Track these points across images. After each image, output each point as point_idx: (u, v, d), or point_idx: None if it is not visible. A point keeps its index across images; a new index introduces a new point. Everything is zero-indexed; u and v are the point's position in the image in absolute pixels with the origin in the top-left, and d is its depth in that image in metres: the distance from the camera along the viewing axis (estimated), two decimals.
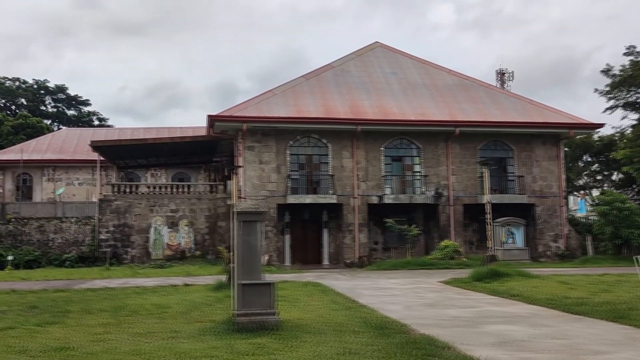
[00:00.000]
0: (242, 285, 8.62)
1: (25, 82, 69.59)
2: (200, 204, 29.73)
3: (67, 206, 35.49)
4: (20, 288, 16.06)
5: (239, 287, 8.61)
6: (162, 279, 19.32)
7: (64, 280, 19.03)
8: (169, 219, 29.19)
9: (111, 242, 28.36)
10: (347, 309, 10.94)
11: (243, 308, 8.60)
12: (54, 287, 16.23)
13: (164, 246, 28.89)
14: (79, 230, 28.71)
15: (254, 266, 8.77)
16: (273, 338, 7.97)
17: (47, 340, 8.37)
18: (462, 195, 30.11)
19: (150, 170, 44.17)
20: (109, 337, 8.60)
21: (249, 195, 28.47)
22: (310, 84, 31.06)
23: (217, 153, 37.52)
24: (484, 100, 31.72)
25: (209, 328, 9.07)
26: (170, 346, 7.74)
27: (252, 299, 8.64)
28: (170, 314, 10.97)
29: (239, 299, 8.61)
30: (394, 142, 30.01)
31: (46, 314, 11.15)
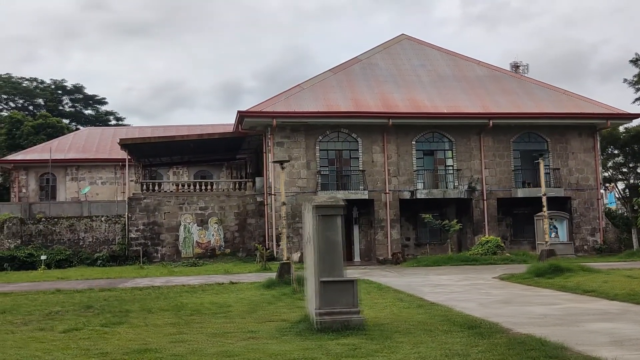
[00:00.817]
0: (322, 283, 8.16)
1: (42, 82, 69.77)
2: (229, 202, 29.37)
3: (93, 205, 35.30)
4: (64, 288, 15.76)
5: (320, 285, 8.15)
6: (203, 277, 18.94)
7: (103, 280, 18.73)
8: (198, 216, 28.87)
9: (141, 240, 28.10)
10: (418, 307, 10.45)
11: (325, 307, 8.14)
12: (98, 287, 15.92)
13: (194, 244, 28.59)
14: (109, 229, 28.45)
15: (334, 262, 8.30)
16: (363, 338, 7.51)
17: (123, 342, 7.99)
18: (495, 189, 29.49)
19: (172, 169, 43.95)
20: (186, 337, 8.20)
21: (278, 192, 28.01)
22: (338, 78, 30.53)
23: (241, 150, 37.21)
24: (516, 91, 31.02)
25: (286, 328, 8.64)
26: (258, 347, 7.31)
27: (334, 297, 8.18)
28: (234, 313, 10.56)
29: (320, 297, 8.15)
30: (425, 136, 29.43)
31: (107, 314, 10.78)
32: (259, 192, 29.53)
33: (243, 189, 29.98)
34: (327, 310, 8.12)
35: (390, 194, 28.48)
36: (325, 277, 8.18)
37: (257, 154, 35.59)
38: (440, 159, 29.63)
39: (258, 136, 30.09)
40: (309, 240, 8.84)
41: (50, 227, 28.02)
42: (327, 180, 28.68)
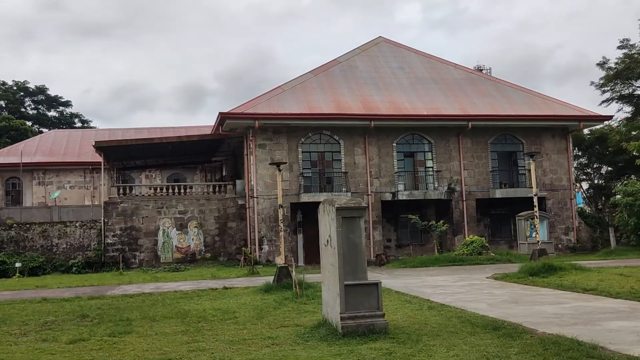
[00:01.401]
0: (346, 286, 8.03)
1: (4, 84, 67.21)
2: (208, 205, 28.83)
3: (63, 210, 34.16)
4: (49, 296, 15.10)
5: (344, 289, 8.01)
6: (192, 282, 18.49)
7: (86, 287, 18.05)
8: (177, 220, 28.24)
9: (118, 246, 27.30)
10: (429, 308, 10.42)
11: (348, 311, 8.01)
12: (85, 294, 15.33)
13: (173, 249, 27.94)
14: (84, 235, 27.52)
15: (358, 265, 8.19)
16: (392, 343, 7.42)
17: (139, 352, 7.67)
18: (474, 190, 29.91)
19: (144, 172, 43.00)
20: (204, 345, 7.94)
21: (260, 195, 27.78)
22: (319, 79, 30.44)
23: (218, 153, 36.68)
24: (492, 93, 31.58)
25: (305, 333, 8.47)
26: (286, 354, 7.14)
27: (358, 301, 8.07)
28: (242, 319, 10.30)
29: (343, 301, 8.02)
30: (405, 138, 29.62)
31: (108, 323, 10.35)
32: (239, 195, 29.11)
33: (223, 192, 29.49)
34: (352, 314, 8.00)
35: (372, 195, 28.52)
36: (350, 281, 8.05)
37: (235, 157, 35.14)
38: (420, 160, 29.86)
39: (236, 138, 29.69)
40: (328, 243, 8.70)
41: (22, 234, 26.91)
42: (310, 182, 28.52)
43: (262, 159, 27.81)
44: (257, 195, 27.61)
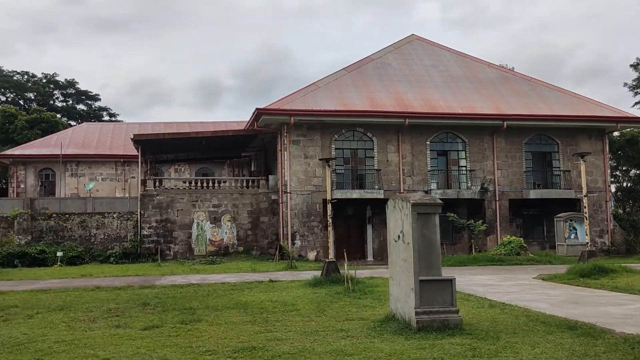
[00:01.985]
0: (421, 282, 8.10)
1: (34, 76, 68.36)
2: (242, 199, 29.10)
3: (97, 201, 34.70)
4: (100, 285, 15.43)
5: (418, 284, 8.08)
6: (235, 275, 18.72)
7: (132, 277, 18.39)
8: (211, 214, 28.55)
9: (154, 237, 27.71)
10: (491, 306, 10.45)
11: (423, 306, 8.08)
12: (135, 284, 15.63)
13: (207, 242, 28.27)
14: (121, 226, 27.97)
15: (432, 261, 8.25)
16: (471, 339, 7.47)
17: (218, 340, 7.85)
18: (507, 190, 29.73)
19: (174, 166, 43.49)
20: (280, 335, 8.09)
21: (294, 190, 27.94)
22: (352, 76, 30.49)
23: (248, 148, 36.96)
24: (528, 93, 31.32)
25: (375, 327, 8.56)
26: (366, 346, 7.24)
27: (432, 296, 8.13)
28: (304, 311, 10.43)
29: (418, 296, 8.09)
30: (439, 136, 29.55)
31: (173, 311, 10.57)
32: (272, 190, 29.33)
33: (256, 186, 29.71)
34: (426, 309, 8.07)
35: (404, 193, 28.48)
36: (424, 276, 8.12)
37: (265, 152, 35.38)
38: (454, 159, 29.77)
39: (269, 134, 29.90)
40: (400, 239, 8.77)
41: (61, 224, 27.45)
42: (342, 179, 28.62)
43: (296, 155, 27.96)
44: (290, 191, 27.77)
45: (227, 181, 30.70)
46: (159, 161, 39.55)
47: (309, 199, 27.90)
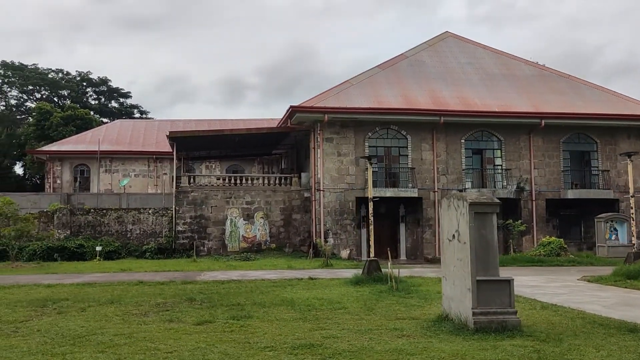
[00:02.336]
0: (478, 282, 7.97)
1: (68, 74, 69.82)
2: (274, 196, 29.21)
3: (131, 197, 35.34)
4: (143, 279, 15.65)
5: (476, 284, 7.96)
6: (273, 272, 18.81)
7: (171, 272, 18.62)
8: (244, 211, 28.73)
9: (188, 233, 28.02)
10: (543, 308, 10.25)
11: (480, 306, 7.95)
12: (176, 279, 15.81)
13: (240, 238, 28.46)
14: (156, 222, 28.36)
15: (490, 261, 8.11)
16: (533, 341, 7.32)
17: (274, 336, 7.85)
18: (544, 190, 29.19)
19: (204, 163, 43.89)
20: (333, 333, 8.06)
21: (327, 188, 27.90)
22: (386, 74, 30.30)
23: (279, 146, 37.07)
24: (566, 91, 30.69)
25: (428, 326, 8.45)
26: (425, 346, 7.15)
27: (490, 297, 8.00)
28: (352, 309, 10.38)
29: (475, 297, 7.96)
30: (474, 135, 29.16)
31: (221, 307, 10.65)
32: (304, 187, 29.37)
33: (288, 184, 29.79)
34: (483, 310, 7.94)
35: (439, 192, 28.22)
36: (482, 276, 7.99)
37: (297, 150, 35.45)
38: (489, 158, 29.36)
39: (299, 132, 29.93)
40: (454, 238, 8.65)
41: (98, 219, 27.98)
42: (376, 177, 28.32)
43: (329, 153, 27.93)
44: (323, 189, 27.75)
45: (259, 178, 30.84)
46: (191, 158, 39.97)
47: (342, 197, 27.84)
